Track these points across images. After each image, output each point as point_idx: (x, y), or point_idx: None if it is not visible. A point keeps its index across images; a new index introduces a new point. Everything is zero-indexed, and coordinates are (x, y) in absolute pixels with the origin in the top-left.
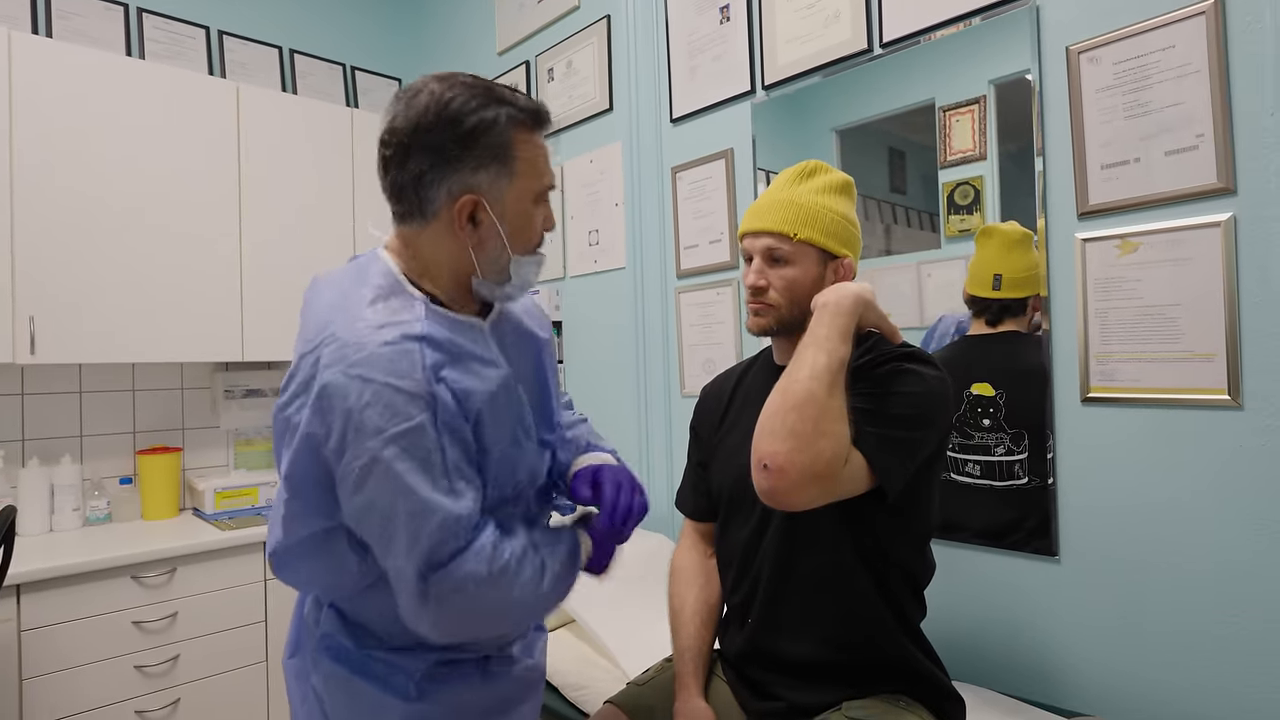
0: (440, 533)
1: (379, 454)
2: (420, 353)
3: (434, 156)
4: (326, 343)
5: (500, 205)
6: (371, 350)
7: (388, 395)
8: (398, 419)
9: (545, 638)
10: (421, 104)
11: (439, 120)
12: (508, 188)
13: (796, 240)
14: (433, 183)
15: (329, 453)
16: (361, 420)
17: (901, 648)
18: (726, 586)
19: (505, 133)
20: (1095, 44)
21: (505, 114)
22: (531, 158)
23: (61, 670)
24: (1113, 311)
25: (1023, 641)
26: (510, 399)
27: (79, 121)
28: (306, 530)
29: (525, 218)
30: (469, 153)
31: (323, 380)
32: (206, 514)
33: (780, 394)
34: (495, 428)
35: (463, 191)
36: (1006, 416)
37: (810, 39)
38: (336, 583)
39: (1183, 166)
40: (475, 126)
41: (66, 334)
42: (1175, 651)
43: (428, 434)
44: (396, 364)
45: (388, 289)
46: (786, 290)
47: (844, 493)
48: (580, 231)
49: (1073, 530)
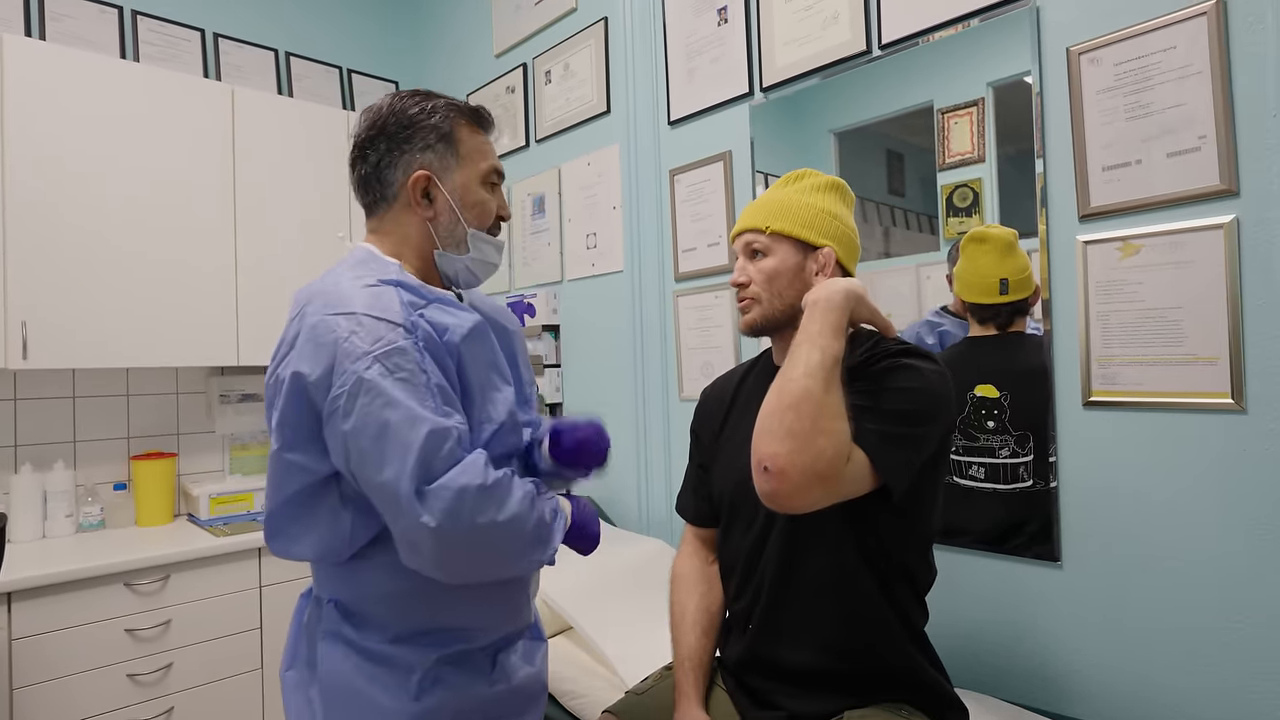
0: (432, 442)
1: (365, 373)
2: (397, 292)
3: (387, 143)
4: (311, 300)
5: (450, 182)
6: (351, 292)
7: (369, 323)
8: (381, 342)
9: (545, 646)
10: (376, 110)
11: (390, 115)
12: (455, 168)
13: (770, 232)
14: (389, 165)
15: (315, 387)
16: (347, 347)
17: (905, 654)
18: (729, 593)
19: (445, 120)
20: (1096, 45)
21: (443, 104)
22: (476, 144)
23: (53, 679)
24: (1114, 314)
25: (1024, 647)
26: (485, 341)
27: (72, 124)
28: (296, 485)
29: (476, 196)
30: (416, 134)
31: (310, 323)
32: (201, 520)
33: (776, 393)
34: (475, 366)
35: (417, 168)
36: (1011, 418)
37: (809, 40)
38: (330, 546)
39: (1185, 168)
40: (417, 114)
41: (59, 339)
42: (1178, 656)
43: (410, 355)
44: (375, 300)
45: (364, 258)
46: (765, 281)
47: (847, 493)
48: (578, 234)
49: (1074, 535)
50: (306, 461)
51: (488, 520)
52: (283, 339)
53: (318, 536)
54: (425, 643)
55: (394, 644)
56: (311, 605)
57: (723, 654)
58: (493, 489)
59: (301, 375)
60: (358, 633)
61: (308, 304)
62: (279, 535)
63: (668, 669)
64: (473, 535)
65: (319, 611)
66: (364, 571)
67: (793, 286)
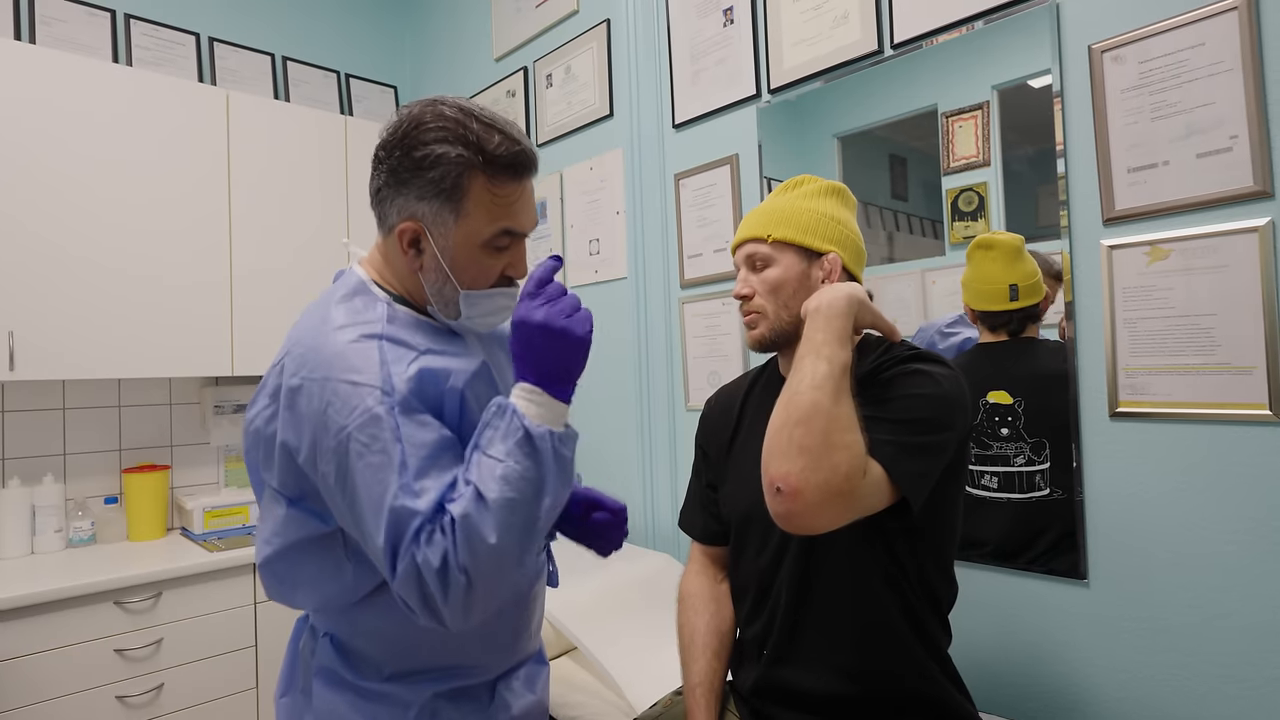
0: (393, 526)
1: (344, 453)
2: (378, 348)
3: (389, 175)
4: (291, 350)
5: (444, 240)
6: (331, 351)
7: (345, 392)
8: (355, 413)
9: (547, 671)
10: (396, 121)
11: (400, 141)
12: (454, 225)
13: (771, 241)
14: (386, 199)
15: (306, 463)
16: (325, 421)
17: (929, 678)
18: (741, 616)
19: (454, 172)
20: (1119, 42)
21: (458, 154)
22: (486, 203)
23: (37, 703)
24: (1142, 322)
25: (1049, 669)
26: (489, 383)
27: (62, 130)
28: (304, 533)
29: (472, 259)
30: (415, 179)
31: (288, 386)
32: (195, 534)
33: (783, 408)
34: (479, 409)
35: (407, 216)
36: (1026, 425)
37: (818, 41)
38: (331, 593)
39: (1216, 169)
40: (424, 157)
41: (48, 349)
42: (1212, 683)
43: (385, 423)
44: (353, 360)
45: (352, 291)
46: (770, 293)
47: (865, 509)
48: (580, 241)
49: (1102, 552)
50: (312, 517)
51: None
52: (264, 385)
53: (320, 587)
54: (422, 680)
55: (390, 682)
56: (307, 633)
57: (735, 679)
58: (444, 571)
59: (289, 447)
60: (353, 672)
61: (288, 353)
62: (278, 584)
63: (677, 694)
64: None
65: (314, 644)
66: (362, 612)
67: (798, 296)
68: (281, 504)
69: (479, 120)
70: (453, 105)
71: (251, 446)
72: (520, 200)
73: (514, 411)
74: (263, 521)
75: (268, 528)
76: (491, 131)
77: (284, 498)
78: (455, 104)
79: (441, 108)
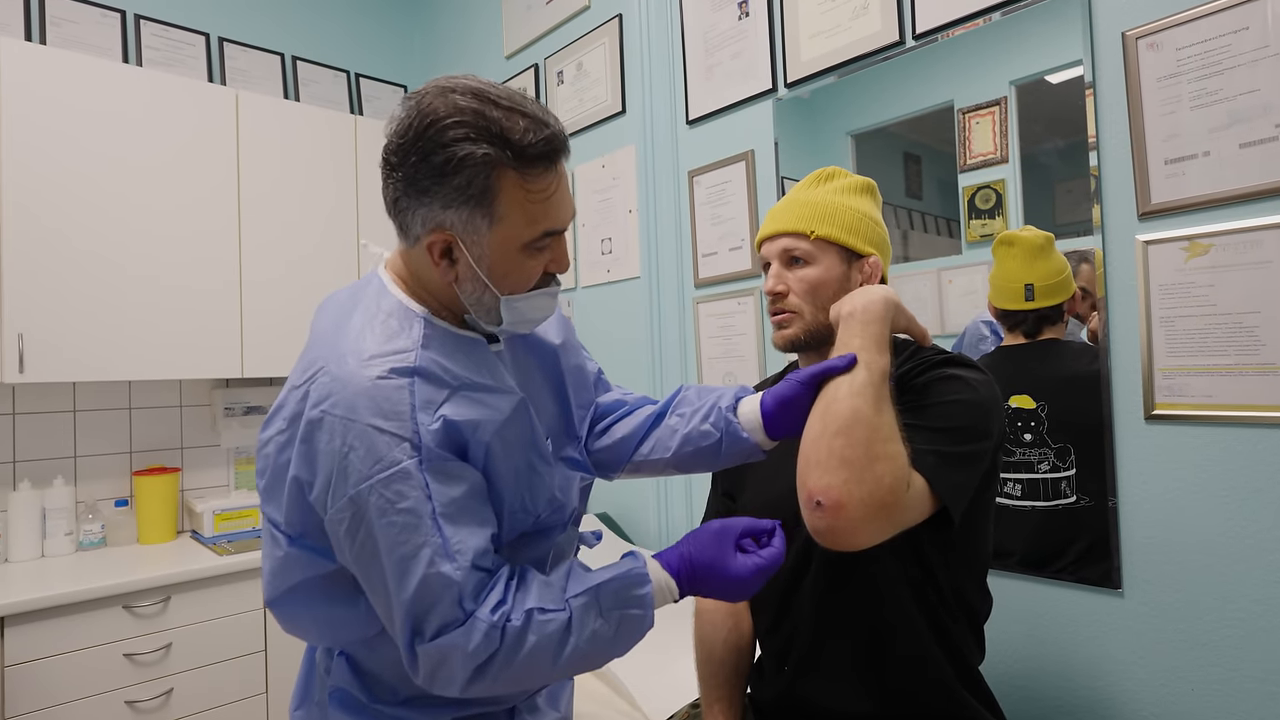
0: (422, 598)
1: (363, 505)
2: (410, 389)
3: (406, 184)
4: (316, 378)
5: (479, 248)
6: (357, 387)
7: (370, 438)
8: (380, 465)
9: (571, 686)
10: (404, 118)
11: (413, 144)
12: (488, 231)
13: (814, 238)
14: (406, 209)
15: (316, 501)
16: (345, 466)
17: (959, 699)
18: (761, 629)
19: (481, 174)
20: (1155, 29)
21: (483, 154)
22: (521, 201)
23: (47, 708)
24: (1180, 320)
25: (1083, 683)
26: (522, 426)
27: (71, 130)
28: (307, 574)
29: (512, 264)
30: (439, 187)
31: (308, 418)
32: (205, 537)
33: (820, 418)
34: (507, 459)
35: (435, 227)
36: (1050, 430)
37: (836, 32)
38: (343, 630)
39: (1260, 159)
40: (445, 161)
41: (58, 351)
42: (1255, 699)
43: (414, 478)
44: (382, 404)
45: (386, 310)
46: (808, 293)
47: (907, 522)
48: (592, 240)
49: (1137, 561)
50: (319, 556)
51: (489, 678)
52: (281, 404)
53: (332, 621)
54: (440, 704)
55: (405, 706)
56: (323, 648)
57: (754, 693)
58: (490, 659)
59: (301, 481)
60: (368, 694)
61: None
62: (288, 622)
63: (694, 706)
64: (470, 689)
65: (328, 661)
66: (378, 645)
67: (836, 299)
68: (282, 544)
69: (498, 105)
70: (465, 91)
71: (261, 470)
72: (557, 192)
73: (649, 602)
74: (265, 558)
75: (268, 567)
76: (514, 116)
77: (285, 536)
78: (468, 88)
79: (454, 97)
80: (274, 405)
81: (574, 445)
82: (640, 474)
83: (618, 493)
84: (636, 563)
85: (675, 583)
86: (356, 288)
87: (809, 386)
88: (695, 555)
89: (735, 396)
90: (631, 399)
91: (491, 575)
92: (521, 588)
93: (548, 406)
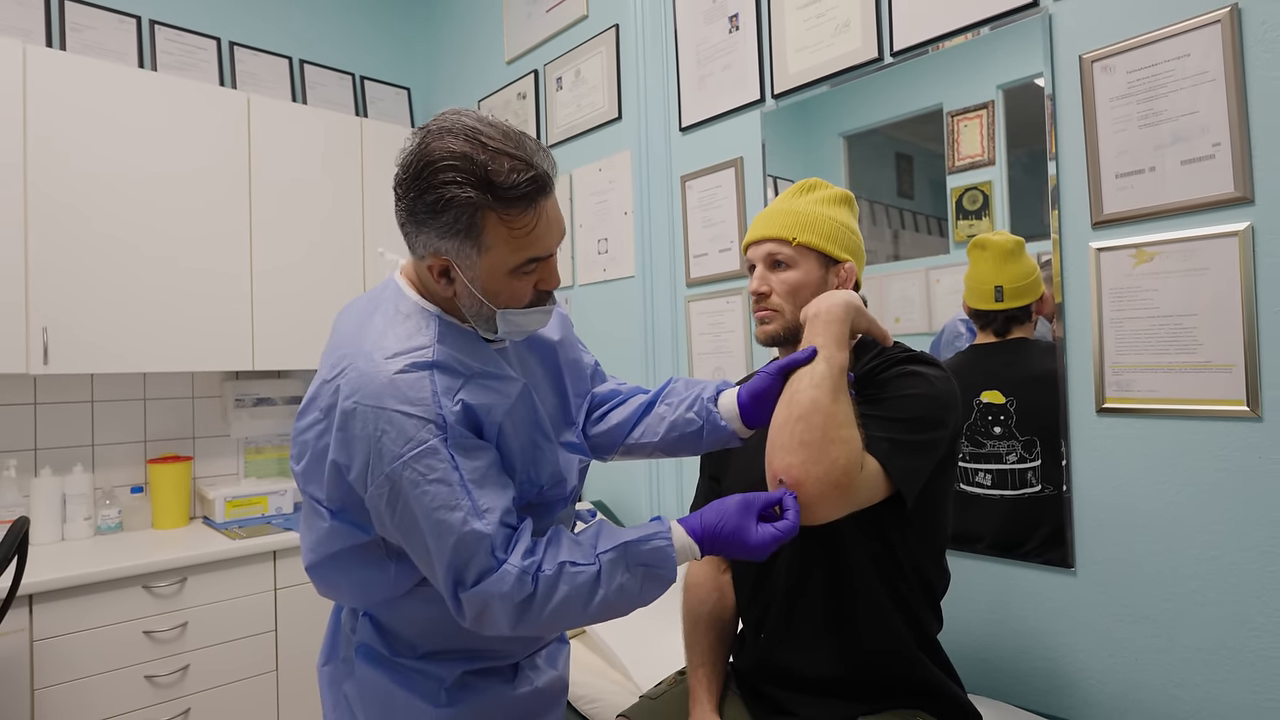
0: (460, 552)
1: (398, 480)
2: (430, 379)
3: (407, 214)
4: (345, 373)
5: (471, 271)
6: (384, 379)
7: (399, 421)
8: (410, 444)
9: (568, 649)
10: (408, 156)
11: (412, 181)
12: (478, 259)
13: (796, 244)
14: (410, 233)
15: (355, 481)
16: (380, 448)
17: (918, 663)
18: (742, 601)
19: (466, 213)
20: (1108, 53)
21: (466, 197)
22: (504, 236)
23: (72, 680)
24: (1128, 321)
25: (1037, 652)
26: (527, 408)
27: (92, 133)
28: (346, 543)
29: (502, 285)
30: (432, 220)
31: (342, 409)
32: (216, 523)
33: (785, 406)
34: (515, 437)
35: (432, 252)
36: (1017, 423)
37: (820, 48)
38: (374, 591)
39: (1199, 176)
40: (436, 200)
41: (79, 344)
42: (1191, 667)
43: (441, 454)
44: (407, 392)
45: (405, 311)
46: (789, 294)
47: (863, 501)
48: (589, 240)
49: (1089, 542)
50: (355, 529)
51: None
52: (314, 398)
53: (365, 584)
54: (453, 659)
55: (423, 659)
56: (348, 610)
57: (736, 661)
58: (527, 603)
59: (339, 465)
60: (390, 649)
61: (342, 373)
62: (325, 586)
63: (681, 674)
64: (518, 629)
65: (354, 621)
66: (403, 603)
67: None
68: (325, 518)
69: (487, 148)
70: (460, 133)
71: (298, 455)
72: (539, 225)
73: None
74: (306, 530)
75: (312, 537)
76: (500, 159)
77: (327, 510)
78: (463, 130)
79: (448, 140)
80: (306, 397)
81: (572, 430)
82: (632, 456)
83: (612, 482)
84: (662, 525)
85: (697, 545)
86: (375, 293)
87: (777, 377)
88: (720, 523)
89: (717, 389)
90: (625, 389)
91: (515, 530)
92: (554, 543)
93: (548, 397)
